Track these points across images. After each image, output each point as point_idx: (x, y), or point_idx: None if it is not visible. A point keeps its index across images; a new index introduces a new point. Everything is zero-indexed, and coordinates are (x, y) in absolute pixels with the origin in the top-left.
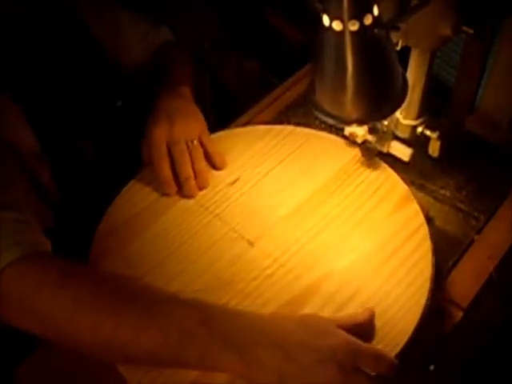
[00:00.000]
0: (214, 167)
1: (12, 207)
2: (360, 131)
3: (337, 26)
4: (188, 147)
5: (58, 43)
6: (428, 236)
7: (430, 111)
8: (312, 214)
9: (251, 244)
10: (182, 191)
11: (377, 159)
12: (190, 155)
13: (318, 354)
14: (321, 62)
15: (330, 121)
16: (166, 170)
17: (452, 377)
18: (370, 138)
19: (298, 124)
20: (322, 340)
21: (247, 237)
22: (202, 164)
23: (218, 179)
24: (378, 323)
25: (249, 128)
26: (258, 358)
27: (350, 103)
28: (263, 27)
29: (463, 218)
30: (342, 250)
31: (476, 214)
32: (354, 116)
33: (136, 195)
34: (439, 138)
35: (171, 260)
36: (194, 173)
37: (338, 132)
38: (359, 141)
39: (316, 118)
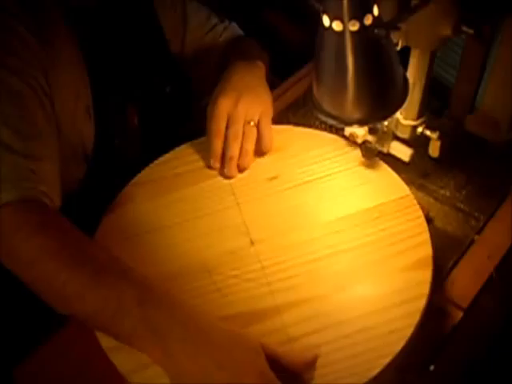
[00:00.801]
0: (258, 149)
1: (31, 157)
2: (360, 131)
3: (337, 26)
4: (244, 126)
5: (126, 26)
6: (420, 311)
7: (430, 111)
8: (323, 239)
9: (252, 243)
10: (224, 169)
11: (377, 159)
12: (244, 135)
13: (226, 372)
14: (321, 63)
15: (331, 121)
16: (219, 144)
17: (452, 377)
18: (370, 138)
19: (297, 124)
20: (238, 362)
21: (252, 235)
22: (250, 146)
23: (260, 169)
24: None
25: (315, 132)
26: (172, 350)
27: (350, 104)
28: (263, 27)
29: (463, 218)
30: (332, 285)
31: (476, 214)
32: (355, 117)
33: (185, 157)
34: (439, 137)
35: (174, 230)
36: (241, 152)
37: (338, 132)
38: (359, 141)
39: (316, 118)
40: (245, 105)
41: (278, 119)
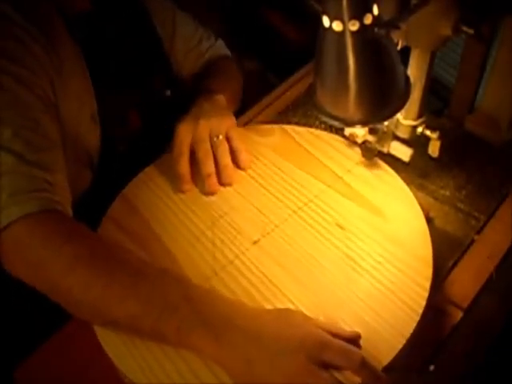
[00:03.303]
0: (237, 165)
1: (45, 168)
2: (360, 132)
3: (337, 26)
4: (213, 144)
5: (123, 31)
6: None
7: (430, 111)
8: (295, 302)
9: (255, 242)
10: (204, 187)
11: (377, 159)
12: (216, 151)
13: (288, 342)
14: (322, 63)
15: (332, 122)
16: (183, 166)
17: (452, 377)
18: (370, 138)
19: (297, 124)
20: (293, 330)
21: (265, 239)
22: (226, 160)
23: (344, 211)
24: None
25: (422, 227)
26: (229, 340)
27: (352, 104)
28: (263, 27)
29: (463, 218)
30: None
31: (476, 214)
32: (357, 117)
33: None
34: (439, 138)
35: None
36: (220, 168)
37: (338, 132)
38: (359, 141)
39: (317, 118)
40: (205, 124)
41: (278, 119)
